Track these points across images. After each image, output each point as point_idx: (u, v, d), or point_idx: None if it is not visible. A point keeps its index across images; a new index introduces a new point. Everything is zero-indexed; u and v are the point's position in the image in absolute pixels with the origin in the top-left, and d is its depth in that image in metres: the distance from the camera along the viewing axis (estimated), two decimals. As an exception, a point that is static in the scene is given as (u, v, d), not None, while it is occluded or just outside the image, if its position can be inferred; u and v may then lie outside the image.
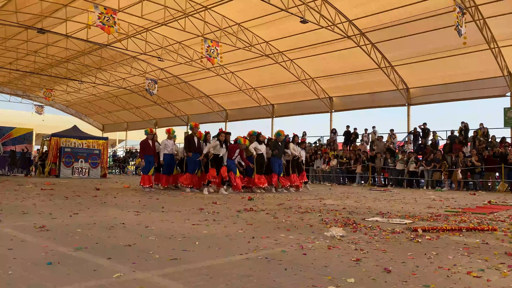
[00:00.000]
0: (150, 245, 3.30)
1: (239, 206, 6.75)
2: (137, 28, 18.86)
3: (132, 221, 4.68)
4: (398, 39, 16.83)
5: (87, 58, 23.69)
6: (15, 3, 15.84)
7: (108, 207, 6.12)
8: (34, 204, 6.29)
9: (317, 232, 4.09)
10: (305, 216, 5.51)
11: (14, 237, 3.53)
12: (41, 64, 25.34)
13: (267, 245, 3.37)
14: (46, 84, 29.59)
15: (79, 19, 17.75)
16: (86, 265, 2.63)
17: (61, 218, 4.75)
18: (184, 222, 4.68)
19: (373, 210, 6.60)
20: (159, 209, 6.07)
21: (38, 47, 22.08)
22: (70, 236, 3.63)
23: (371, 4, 15.20)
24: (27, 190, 9.50)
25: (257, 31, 18.26)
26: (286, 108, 25.20)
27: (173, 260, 2.79)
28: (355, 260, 2.87)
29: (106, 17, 13.89)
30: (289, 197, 9.17)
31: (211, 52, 16.47)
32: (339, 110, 23.01)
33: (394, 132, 19.19)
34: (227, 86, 24.74)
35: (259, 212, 5.86)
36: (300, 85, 22.12)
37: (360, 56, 18.28)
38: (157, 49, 20.77)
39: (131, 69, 25.05)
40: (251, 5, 15.68)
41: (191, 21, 16.89)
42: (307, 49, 19.08)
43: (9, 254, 2.88)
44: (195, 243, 3.41)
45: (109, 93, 31.21)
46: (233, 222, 4.77)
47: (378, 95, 20.90)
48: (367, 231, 4.22)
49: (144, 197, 8.26)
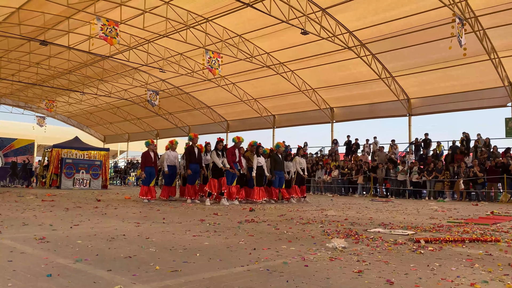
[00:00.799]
0: (151, 256, 3.27)
1: (240, 217, 6.72)
2: (139, 40, 19.01)
3: (132, 232, 4.66)
4: (398, 49, 16.92)
5: (89, 69, 23.83)
6: (18, 15, 15.99)
7: (109, 219, 6.10)
8: (34, 216, 6.27)
9: (319, 244, 4.06)
10: (306, 227, 5.48)
11: (14, 248, 3.51)
12: (43, 76, 25.50)
13: (269, 257, 3.34)
14: (48, 96, 29.73)
15: (82, 31, 17.90)
16: (86, 277, 2.61)
17: (62, 230, 4.73)
18: (185, 233, 4.66)
19: (375, 221, 6.56)
20: (160, 220, 6.05)
21: (41, 58, 22.23)
22: (71, 247, 3.61)
23: (372, 17, 15.32)
24: (28, 202, 9.48)
25: (258, 43, 18.38)
26: (287, 119, 25.24)
27: (174, 272, 2.77)
28: (357, 271, 2.84)
29: (108, 28, 14.00)
30: (290, 208, 9.13)
31: (212, 63, 16.57)
32: (340, 120, 23.03)
33: (395, 142, 19.19)
34: (228, 96, 24.82)
35: (260, 223, 5.83)
36: (301, 96, 22.19)
37: (361, 66, 18.36)
38: (159, 61, 20.90)
39: (132, 80, 25.18)
40: (252, 17, 15.81)
41: (193, 32, 17.02)
42: (307, 60, 19.17)
43: (8, 266, 2.86)
44: (196, 254, 3.38)
45: (111, 104, 31.33)
46: (234, 233, 4.75)
47: (379, 106, 20.94)
48: (369, 242, 4.19)
49: (145, 208, 8.23)
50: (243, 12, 15.42)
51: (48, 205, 8.47)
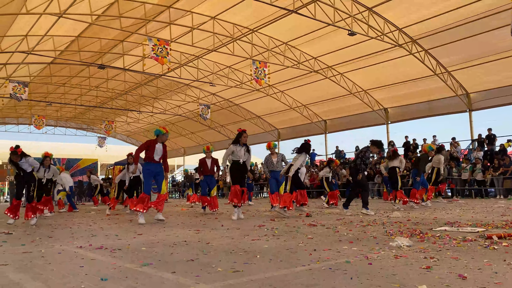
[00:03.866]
0: (212, 259, 3.32)
1: (297, 222, 6.65)
2: (188, 57, 19.60)
3: (193, 238, 4.75)
4: (452, 43, 16.14)
5: (144, 89, 24.88)
6: (78, 43, 17.09)
7: (170, 227, 6.27)
8: (101, 228, 6.59)
9: (381, 243, 3.92)
10: (367, 229, 5.32)
11: (84, 256, 3.70)
12: (102, 98, 26.96)
13: (330, 257, 3.27)
14: (108, 117, 31.37)
15: (135, 52, 18.77)
16: (152, 278, 2.69)
17: (126, 239, 4.93)
18: (244, 237, 4.68)
19: (440, 220, 6.25)
20: (218, 226, 6.14)
21: (99, 82, 23.55)
22: (136, 254, 3.75)
23: (421, 12, 14.77)
24: (94, 216, 10.00)
25: (304, 48, 18.31)
26: (339, 123, 24.82)
27: (236, 272, 2.78)
28: (425, 268, 2.71)
29: (159, 48, 14.58)
30: (349, 212, 8.92)
31: (258, 73, 16.72)
32: (395, 121, 22.28)
33: (456, 140, 18.24)
34: (277, 105, 24.87)
35: (318, 227, 5.74)
36: (352, 99, 21.76)
37: (414, 64, 17.70)
38: (209, 75, 21.41)
39: (185, 96, 25.96)
40: (296, 23, 15.80)
41: (239, 44, 17.29)
42: (357, 62, 18.80)
43: (81, 270, 3.01)
44: (256, 256, 3.38)
45: (166, 121, 32.46)
46: (293, 236, 4.70)
47: (436, 103, 20.03)
48: (436, 240, 3.99)
49: (204, 217, 8.39)
50: (288, 20, 15.45)
51: (113, 218, 8.88)
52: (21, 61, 18.55)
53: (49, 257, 3.67)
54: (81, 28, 15.81)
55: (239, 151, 7.76)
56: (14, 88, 18.45)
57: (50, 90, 24.26)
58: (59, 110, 29.84)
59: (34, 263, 3.37)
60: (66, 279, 2.75)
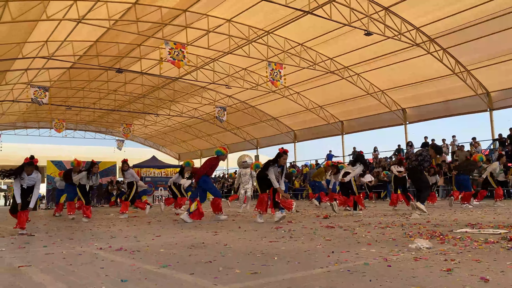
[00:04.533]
0: (230, 261, 3.33)
1: (314, 224, 6.62)
2: (204, 59, 19.73)
3: (211, 240, 4.78)
4: (471, 41, 15.85)
5: (161, 92, 25.14)
6: (96, 48, 17.38)
7: (188, 229, 6.32)
8: (120, 230, 6.68)
9: (400, 245, 3.87)
10: (386, 230, 5.26)
11: (105, 257, 3.76)
12: (120, 102, 27.34)
13: (348, 259, 3.25)
14: (126, 120, 31.77)
15: (152, 56, 18.99)
16: (170, 280, 2.71)
17: (145, 241, 4.98)
18: (261, 239, 4.68)
19: (460, 222, 6.14)
20: (236, 228, 6.15)
21: (117, 86, 23.89)
22: (155, 255, 3.79)
23: (438, 12, 14.55)
24: (114, 218, 10.13)
25: (320, 49, 18.23)
26: (357, 124, 24.62)
27: (254, 274, 2.78)
28: (446, 270, 2.66)
29: (176, 51, 14.72)
30: (366, 214, 8.83)
31: (274, 75, 16.72)
32: (413, 121, 21.99)
33: (476, 140, 17.89)
34: (293, 106, 24.82)
35: (336, 229, 5.70)
36: (369, 99, 21.56)
37: (432, 63, 17.45)
38: (224, 77, 21.51)
39: (201, 99, 26.12)
40: (312, 24, 15.75)
41: (255, 46, 17.32)
42: (373, 62, 18.63)
43: (101, 272, 3.06)
44: (274, 258, 3.38)
45: (183, 124, 32.72)
46: (310, 238, 4.68)
47: (455, 103, 19.69)
48: (457, 242, 3.92)
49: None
50: (303, 21, 15.41)
51: (131, 220, 8.99)
52: (41, 67, 18.97)
53: (70, 258, 3.74)
54: (99, 33, 16.08)
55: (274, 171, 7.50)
56: (35, 93, 18.87)
57: (70, 94, 24.73)
58: (79, 114, 30.37)
59: (56, 264, 3.44)
60: (87, 280, 2.80)
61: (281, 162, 7.45)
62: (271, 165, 7.37)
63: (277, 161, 7.42)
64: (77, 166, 10.16)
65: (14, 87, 21.65)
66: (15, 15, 12.79)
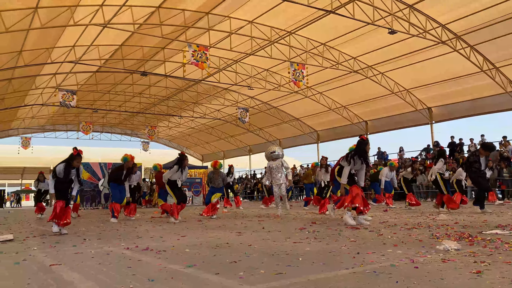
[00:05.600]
0: (255, 261, 3.34)
1: (339, 225, 6.57)
2: (227, 61, 19.85)
3: (235, 240, 4.81)
4: (500, 38, 15.38)
5: (184, 94, 25.42)
6: (121, 52, 17.73)
7: (212, 230, 6.37)
8: (146, 230, 6.79)
9: (427, 247, 3.80)
10: (412, 232, 5.17)
11: (132, 257, 3.83)
12: (145, 104, 27.79)
13: (374, 260, 3.21)
14: (151, 122, 32.28)
15: (176, 59, 19.23)
16: (196, 280, 2.75)
17: (170, 241, 5.05)
18: (286, 240, 4.68)
19: (490, 223, 5.97)
20: (259, 229, 6.16)
21: (142, 88, 24.30)
22: (180, 255, 3.84)
23: (464, 8, 14.20)
24: (139, 219, 10.30)
25: (343, 49, 18.07)
26: (381, 124, 24.26)
27: (278, 274, 2.79)
28: (476, 272, 2.60)
29: (199, 54, 14.88)
30: (392, 215, 8.70)
31: (296, 75, 16.66)
32: (439, 120, 21.52)
33: (507, 139, 17.36)
34: (316, 107, 24.67)
35: (361, 230, 5.64)
36: (394, 98, 21.23)
37: (458, 61, 17.04)
38: (247, 79, 21.57)
39: (224, 101, 26.29)
40: (335, 24, 15.62)
41: (277, 47, 17.31)
42: (398, 60, 18.33)
43: (128, 271, 3.12)
44: (299, 259, 3.38)
45: (206, 125, 32.99)
46: (335, 239, 4.65)
47: (484, 101, 19.15)
48: (486, 244, 3.82)
49: (245, 219, 8.45)
50: (326, 20, 15.30)
51: (157, 221, 9.13)
52: (69, 71, 19.48)
53: (99, 258, 3.83)
54: (124, 37, 16.40)
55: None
56: (63, 96, 19.41)
57: (96, 97, 25.30)
58: (105, 117, 31.04)
59: (86, 264, 3.53)
60: (116, 279, 2.86)
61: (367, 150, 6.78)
62: (354, 158, 6.62)
63: (364, 150, 6.70)
64: (130, 162, 9.64)
65: (43, 91, 22.31)
66: (44, 21, 13.19)
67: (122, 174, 9.47)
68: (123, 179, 9.47)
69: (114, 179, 9.58)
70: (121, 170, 9.51)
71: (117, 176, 9.51)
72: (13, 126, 30.82)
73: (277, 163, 9.33)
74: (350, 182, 6.67)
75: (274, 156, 9.35)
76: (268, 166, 9.59)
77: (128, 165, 9.51)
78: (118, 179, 9.50)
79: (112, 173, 9.95)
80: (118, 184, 9.51)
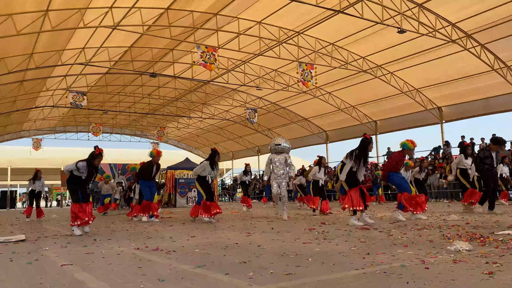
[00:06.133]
0: (264, 262, 3.34)
1: (348, 226, 6.54)
2: (235, 62, 19.88)
3: (244, 241, 4.81)
4: (511, 36, 15.23)
5: (193, 95, 25.51)
6: (131, 53, 17.85)
7: (222, 230, 6.38)
8: (156, 230, 6.83)
9: (438, 247, 3.77)
10: (423, 232, 5.14)
11: (142, 257, 3.86)
12: (155, 105, 27.94)
13: (384, 260, 3.20)
14: (160, 123, 32.44)
15: (184, 60, 19.31)
16: (206, 280, 2.76)
17: (180, 241, 5.08)
18: (295, 241, 4.68)
19: (502, 223, 5.91)
20: (269, 230, 6.16)
21: (151, 90, 24.44)
22: (190, 255, 3.86)
23: (475, 6, 14.05)
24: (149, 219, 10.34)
25: (352, 48, 17.99)
26: (390, 123, 24.11)
27: (288, 274, 2.79)
28: (488, 273, 2.58)
29: (207, 55, 14.92)
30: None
31: (305, 75, 16.63)
32: (450, 120, 21.32)
33: (518, 138, 17.15)
34: (325, 107, 24.60)
35: (371, 230, 5.61)
36: (403, 98, 21.08)
37: (469, 59, 16.87)
38: (255, 79, 21.58)
39: (232, 101, 26.32)
40: (343, 24, 15.57)
41: (285, 47, 17.29)
42: (407, 60, 18.20)
43: (139, 271, 3.15)
44: (308, 259, 3.37)
45: (215, 126, 33.07)
46: (345, 240, 4.64)
47: (495, 100, 18.94)
48: (499, 245, 3.78)
49: (253, 220, 8.46)
50: (334, 20, 15.25)
51: (167, 221, 9.17)
52: (79, 73, 19.66)
53: (109, 258, 3.87)
54: (134, 39, 16.50)
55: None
56: (74, 97, 19.62)
57: (106, 99, 25.50)
58: (115, 118, 31.27)
59: (96, 264, 3.56)
60: (126, 279, 2.88)
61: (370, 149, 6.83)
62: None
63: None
64: (157, 157, 9.41)
65: (54, 93, 22.54)
66: (55, 23, 13.33)
67: (152, 170, 9.34)
68: (153, 176, 9.37)
69: (145, 175, 9.36)
70: (151, 166, 9.34)
71: (148, 172, 9.32)
72: (25, 127, 31.21)
73: (280, 158, 8.48)
74: (350, 184, 6.68)
75: (278, 149, 8.53)
76: (269, 158, 8.63)
77: (155, 160, 9.34)
78: (149, 175, 9.32)
79: (143, 170, 9.58)
80: (145, 180, 9.34)
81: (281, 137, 8.91)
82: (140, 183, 9.52)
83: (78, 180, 6.55)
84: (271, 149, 8.65)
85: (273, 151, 8.60)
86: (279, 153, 8.51)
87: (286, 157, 8.48)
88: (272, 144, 8.67)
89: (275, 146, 8.51)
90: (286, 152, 8.58)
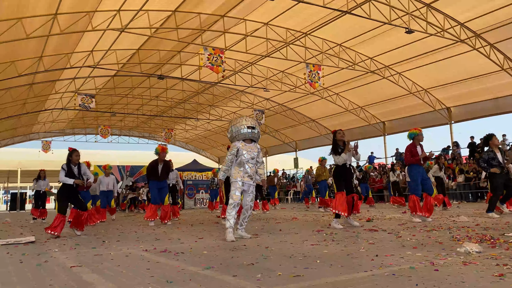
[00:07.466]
0: (272, 264, 3.34)
1: (357, 228, 6.51)
2: (243, 63, 19.90)
3: (252, 243, 4.81)
4: (521, 35, 15.08)
5: (201, 97, 25.57)
6: (138, 56, 17.95)
7: (229, 232, 6.37)
8: (164, 232, 6.85)
9: (448, 249, 3.74)
10: (432, 234, 5.09)
11: (150, 259, 3.87)
12: (162, 107, 28.06)
13: (393, 262, 3.17)
14: (168, 125, 32.55)
15: (192, 62, 19.37)
16: (214, 281, 2.76)
17: (188, 243, 5.09)
18: (303, 243, 4.66)
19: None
20: (277, 231, 6.15)
21: (159, 92, 24.54)
22: (198, 257, 3.86)
23: (484, 5, 13.93)
24: (157, 221, 10.38)
25: (359, 49, 17.92)
26: (399, 124, 23.95)
27: (296, 276, 2.78)
28: (498, 275, 2.55)
29: (214, 57, 14.96)
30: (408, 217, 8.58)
31: (312, 76, 16.59)
32: (459, 120, 21.14)
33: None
34: (332, 108, 24.51)
35: (380, 232, 5.58)
36: (412, 98, 20.95)
37: (478, 59, 16.72)
38: (262, 81, 21.59)
39: (240, 103, 26.34)
40: (351, 24, 15.51)
41: (292, 49, 17.27)
42: (415, 60, 18.09)
43: (147, 273, 3.16)
44: (316, 261, 3.36)
45: (222, 127, 33.08)
46: (353, 241, 4.61)
47: (505, 100, 18.73)
48: (509, 246, 3.73)
49: (261, 222, 8.45)
50: (342, 21, 15.21)
51: (175, 223, 9.19)
52: (87, 75, 19.82)
53: (118, 259, 3.88)
54: (141, 41, 16.59)
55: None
56: (83, 99, 19.78)
57: (114, 101, 25.66)
58: (123, 120, 31.45)
59: (105, 265, 3.58)
60: (135, 280, 2.89)
61: (338, 137, 7.22)
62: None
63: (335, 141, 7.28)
64: (162, 153, 8.93)
65: (63, 96, 22.74)
66: (64, 27, 13.45)
67: (158, 168, 8.81)
68: (160, 175, 8.79)
69: (152, 174, 8.88)
70: (157, 164, 8.84)
71: (154, 171, 8.81)
72: (34, 130, 31.49)
73: (252, 148, 5.58)
74: (338, 187, 6.79)
75: (248, 135, 5.54)
76: (234, 148, 5.53)
77: (161, 157, 8.84)
78: (155, 174, 8.79)
79: (148, 169, 9.17)
80: (154, 181, 8.86)
81: (250, 117, 5.77)
82: (149, 184, 9.20)
83: (68, 188, 6.65)
84: (238, 134, 5.54)
85: (240, 137, 5.54)
86: (249, 141, 5.61)
87: (259, 149, 5.71)
88: (239, 126, 5.53)
89: (247, 129, 5.49)
90: (256, 140, 5.71)
